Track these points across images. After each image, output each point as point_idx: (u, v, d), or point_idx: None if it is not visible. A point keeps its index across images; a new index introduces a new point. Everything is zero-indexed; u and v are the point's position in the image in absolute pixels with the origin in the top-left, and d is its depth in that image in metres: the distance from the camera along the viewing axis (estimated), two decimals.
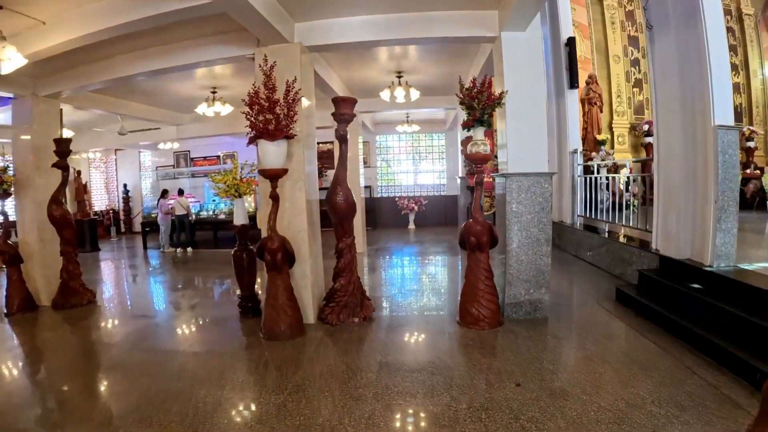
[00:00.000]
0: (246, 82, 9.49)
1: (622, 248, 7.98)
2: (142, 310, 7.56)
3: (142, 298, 8.64)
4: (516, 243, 6.00)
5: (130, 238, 18.81)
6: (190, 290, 9.08)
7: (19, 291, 7.58)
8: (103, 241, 17.19)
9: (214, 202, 16.12)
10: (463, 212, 11.97)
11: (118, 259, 13.96)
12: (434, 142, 19.01)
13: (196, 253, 13.83)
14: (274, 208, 5.67)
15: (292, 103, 5.49)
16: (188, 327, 6.53)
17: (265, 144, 5.43)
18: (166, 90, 10.39)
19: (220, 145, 18.68)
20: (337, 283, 6.16)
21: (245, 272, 6.68)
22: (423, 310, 6.88)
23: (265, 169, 5.56)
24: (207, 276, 10.56)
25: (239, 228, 6.68)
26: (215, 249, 14.58)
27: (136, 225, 19.48)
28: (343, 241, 6.19)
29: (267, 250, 5.58)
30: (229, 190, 6.49)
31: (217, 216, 15.21)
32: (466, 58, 8.96)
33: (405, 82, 9.85)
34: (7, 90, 7.72)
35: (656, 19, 6.37)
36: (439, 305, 7.23)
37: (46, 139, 7.90)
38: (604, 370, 4.42)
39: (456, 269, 10.18)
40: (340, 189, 6.06)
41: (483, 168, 6.00)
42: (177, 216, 14.04)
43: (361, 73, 9.65)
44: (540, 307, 6.08)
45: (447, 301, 7.44)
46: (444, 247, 12.92)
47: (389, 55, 8.63)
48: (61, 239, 7.83)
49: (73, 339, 6.35)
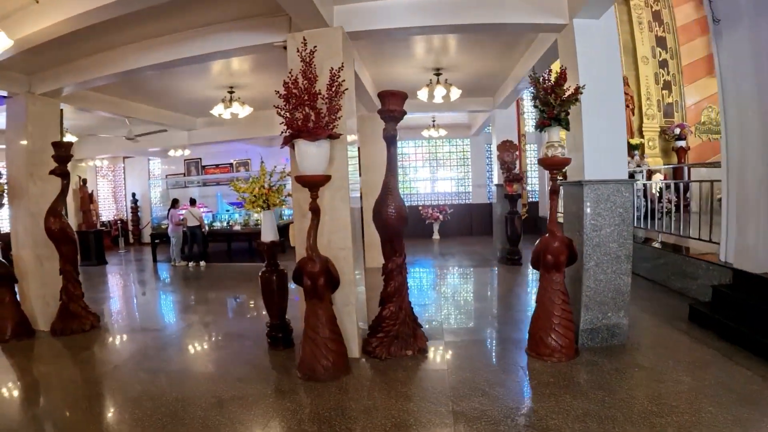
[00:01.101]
0: (267, 79, 8.70)
1: (684, 261, 7.33)
2: (152, 339, 6.53)
3: (151, 324, 7.60)
4: (594, 261, 5.19)
5: (138, 249, 18.04)
6: (208, 314, 8.03)
7: (12, 315, 6.69)
8: (110, 252, 16.41)
9: (228, 213, 15.22)
10: (500, 222, 10.97)
11: (125, 273, 13.08)
12: (456, 148, 17.96)
13: (209, 268, 12.82)
14: (314, 223, 4.68)
15: (336, 95, 4.56)
16: (208, 364, 5.54)
17: (304, 145, 4.48)
18: (178, 90, 9.41)
19: (232, 152, 17.84)
20: (386, 310, 5.20)
21: (275, 297, 5.67)
22: (480, 338, 6.02)
23: (304, 175, 4.58)
24: (225, 295, 9.54)
25: (268, 245, 5.66)
26: (229, 263, 13.67)
27: (145, 236, 18.78)
28: (392, 260, 5.23)
29: (306, 273, 4.59)
30: (256, 200, 5.54)
31: (232, 227, 14.26)
32: (513, 53, 8.09)
33: (445, 80, 8.86)
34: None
35: (725, 11, 5.82)
36: (496, 331, 6.30)
37: (44, 143, 7.05)
38: (712, 407, 3.80)
39: (498, 286, 9.24)
40: (391, 200, 5.12)
41: (555, 174, 5.11)
42: (189, 227, 13.06)
43: (394, 70, 8.67)
44: (618, 333, 5.30)
45: (503, 325, 6.53)
46: (477, 260, 11.95)
47: (427, 48, 7.68)
48: (60, 256, 6.93)
49: (71, 375, 5.36)
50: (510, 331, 6.16)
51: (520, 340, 5.53)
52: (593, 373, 4.59)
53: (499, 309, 7.41)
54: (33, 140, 7.08)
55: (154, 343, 6.30)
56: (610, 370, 4.64)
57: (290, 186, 5.50)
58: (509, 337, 5.87)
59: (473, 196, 17.60)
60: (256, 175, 5.74)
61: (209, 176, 18.20)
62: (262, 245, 5.66)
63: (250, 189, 5.57)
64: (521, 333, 5.82)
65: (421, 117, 13.91)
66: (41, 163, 7.01)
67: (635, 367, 4.70)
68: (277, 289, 5.67)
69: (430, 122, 15.14)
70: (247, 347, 5.89)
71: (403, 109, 5.15)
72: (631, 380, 4.43)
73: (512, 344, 5.59)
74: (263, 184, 5.59)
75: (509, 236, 10.61)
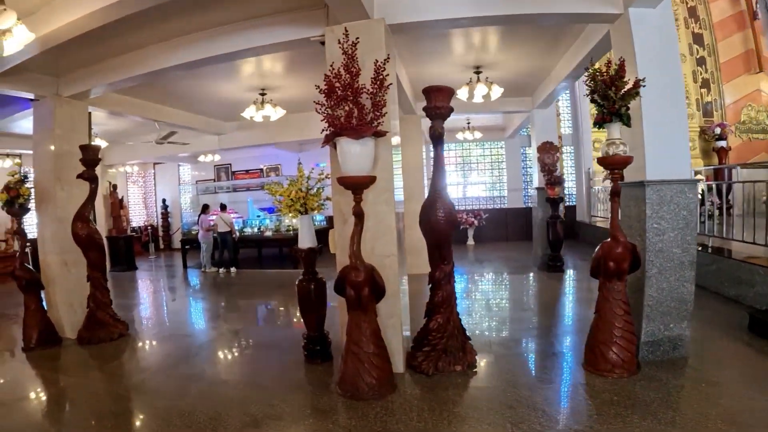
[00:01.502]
0: (300, 81, 8.40)
1: (738, 267, 6.87)
2: (181, 349, 6.21)
3: (181, 332, 7.30)
4: (656, 267, 4.74)
5: (169, 255, 18.01)
6: (239, 323, 7.74)
7: (38, 322, 6.46)
8: (140, 258, 16.34)
9: (259, 218, 14.96)
10: (540, 227, 10.50)
11: (155, 279, 12.95)
12: (489, 151, 17.48)
13: (240, 274, 12.55)
14: (358, 229, 4.30)
15: (380, 89, 4.17)
16: (241, 378, 5.19)
17: (347, 144, 4.09)
18: (208, 92, 9.15)
19: (262, 157, 17.64)
20: (433, 322, 4.78)
21: (313, 307, 5.30)
22: (531, 351, 5.60)
23: (347, 176, 4.20)
24: (257, 303, 9.27)
25: (306, 252, 5.30)
26: (260, 269, 13.40)
27: (175, 241, 18.71)
28: (440, 268, 4.80)
29: (350, 283, 4.20)
30: (293, 204, 5.17)
31: (263, 233, 13.96)
32: (556, 50, 7.67)
33: (485, 78, 8.43)
34: (26, 89, 6.69)
35: None
36: (546, 343, 5.81)
37: (71, 146, 6.86)
38: None
39: (542, 294, 8.77)
40: (440, 203, 4.69)
41: (617, 175, 4.65)
42: (219, 233, 12.82)
43: (432, 69, 8.28)
44: (679, 345, 4.85)
45: (553, 336, 6.07)
46: (516, 266, 11.46)
47: (466, 45, 7.29)
48: (87, 262, 6.69)
49: (97, 388, 5.05)
50: (562, 343, 5.74)
51: (575, 354, 5.14)
52: (658, 390, 4.15)
53: (547, 319, 6.96)
54: (60, 144, 6.88)
55: (184, 354, 5.99)
56: (676, 386, 4.24)
57: (329, 189, 5.15)
58: (562, 351, 5.44)
59: (508, 200, 17.11)
60: (293, 178, 5.37)
61: (239, 181, 18.02)
62: (299, 252, 5.31)
63: (287, 192, 5.21)
64: (574, 345, 5.45)
65: (456, 119, 13.39)
66: (69, 167, 6.80)
67: (702, 383, 4.28)
68: (315, 298, 5.29)
69: (465, 124, 14.69)
70: (282, 360, 5.54)
71: (450, 106, 4.74)
72: (700, 398, 4.02)
73: (566, 358, 5.18)
74: (300, 187, 5.24)
75: (551, 241, 10.13)
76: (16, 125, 9.89)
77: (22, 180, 6.43)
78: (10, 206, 6.38)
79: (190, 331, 7.34)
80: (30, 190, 6.49)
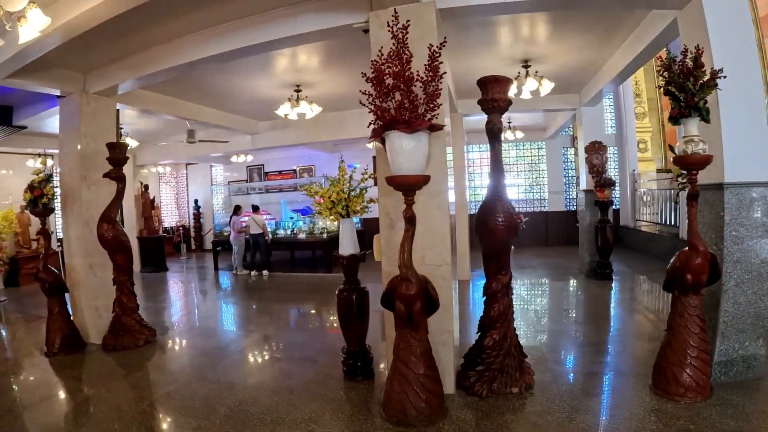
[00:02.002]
0: (337, 77, 8.00)
1: None
2: (210, 360, 5.80)
3: (210, 341, 6.84)
4: (734, 280, 4.23)
5: (200, 256, 17.79)
6: (272, 329, 7.33)
7: (61, 326, 6.23)
8: (171, 259, 16.20)
9: (292, 220, 14.58)
10: (588, 232, 9.90)
11: (186, 281, 12.69)
12: (528, 152, 16.80)
13: (272, 277, 12.17)
14: (409, 235, 3.77)
15: (434, 78, 3.66)
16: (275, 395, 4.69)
17: (399, 138, 3.57)
18: (240, 90, 8.78)
19: (295, 158, 17.35)
20: (488, 338, 4.29)
21: (355, 320, 4.83)
22: (591, 371, 4.99)
23: (398, 176, 3.67)
24: (290, 309, 8.86)
25: (347, 259, 4.81)
26: (292, 272, 13.00)
27: (207, 242, 18.57)
28: (497, 279, 4.31)
29: (400, 297, 3.69)
30: (334, 206, 4.72)
31: (296, 235, 13.53)
32: (611, 41, 7.09)
33: (535, 72, 7.90)
34: (52, 86, 6.45)
35: None
36: (606, 361, 5.28)
37: (98, 145, 6.58)
38: None
39: (592, 304, 8.12)
40: (500, 206, 4.20)
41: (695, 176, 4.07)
42: (251, 235, 12.48)
43: (476, 62, 7.70)
44: (754, 365, 4.36)
45: (611, 354, 5.52)
46: (560, 273, 10.84)
47: (514, 36, 6.75)
48: (113, 265, 6.40)
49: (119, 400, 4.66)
50: (623, 360, 5.21)
51: (639, 374, 4.59)
52: (737, 417, 3.66)
53: (602, 332, 6.39)
54: (87, 142, 6.59)
55: (212, 365, 5.58)
56: (756, 412, 3.75)
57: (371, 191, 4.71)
58: (623, 370, 4.90)
59: (549, 203, 16.42)
60: (333, 178, 4.91)
61: (272, 182, 17.70)
62: (341, 259, 4.81)
63: (328, 193, 4.76)
64: (637, 363, 4.94)
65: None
66: (95, 166, 6.52)
67: None
68: (357, 310, 4.83)
69: (506, 124, 14.09)
70: (319, 375, 5.08)
71: (508, 98, 4.26)
72: None
73: (629, 379, 4.62)
74: (342, 188, 4.78)
75: (600, 247, 9.52)
76: (47, 124, 9.72)
77: (46, 179, 6.15)
78: (34, 206, 6.13)
79: (219, 339, 6.93)
80: (54, 190, 6.20)
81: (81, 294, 6.61)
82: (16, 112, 8.79)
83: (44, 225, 6.31)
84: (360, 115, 10.96)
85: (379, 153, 4.18)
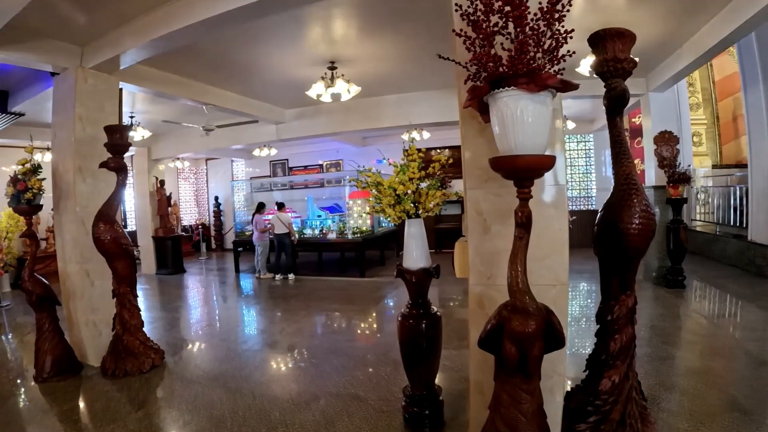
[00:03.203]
0: (378, 51, 6.87)
1: None
2: (229, 395, 4.58)
3: (231, 366, 5.56)
4: None
5: (220, 256, 16.85)
6: (305, 350, 6.08)
7: (53, 346, 5.19)
8: (190, 259, 15.34)
9: (319, 218, 13.32)
10: (663, 236, 8.48)
11: (204, 285, 11.62)
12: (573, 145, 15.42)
13: (299, 282, 10.96)
14: (523, 244, 2.44)
15: (557, 17, 2.34)
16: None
17: (517, 99, 2.26)
18: (265, 68, 7.57)
19: (322, 152, 16.31)
20: (606, 381, 3.07)
21: (422, 356, 3.59)
22: (722, 418, 3.66)
23: (518, 157, 2.32)
24: (324, 322, 7.64)
25: (417, 275, 3.56)
26: (321, 276, 11.72)
27: (227, 242, 17.70)
28: (620, 301, 3.11)
29: (513, 336, 2.38)
30: (402, 201, 3.48)
31: (325, 235, 12.23)
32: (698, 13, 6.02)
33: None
34: (42, 59, 5.46)
35: None
36: (733, 401, 3.93)
37: (96, 130, 5.52)
38: None
39: (673, 318, 6.70)
40: (637, 203, 2.98)
41: None
42: (276, 235, 11.28)
43: None
44: None
45: (730, 387, 4.21)
46: None
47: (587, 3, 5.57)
48: (113, 274, 5.31)
49: None
50: (747, 398, 3.93)
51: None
52: None
53: (706, 358, 5.10)
54: (83, 126, 5.57)
55: (231, 404, 4.40)
56: None
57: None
58: (751, 408, 3.71)
59: (597, 201, 14.98)
60: (401, 163, 3.61)
61: (297, 177, 16.55)
62: (409, 275, 3.56)
63: (393, 184, 3.48)
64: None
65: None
66: (93, 155, 5.48)
67: None
68: (427, 345, 3.58)
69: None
70: (371, 422, 3.89)
71: (634, 59, 3.04)
72: None
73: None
74: (413, 174, 3.48)
75: (671, 251, 8.26)
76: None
77: (33, 170, 5.10)
78: (17, 202, 5.08)
79: (240, 363, 5.67)
80: (42, 183, 5.13)
81: (77, 307, 5.57)
82: (12, 97, 7.77)
83: (30, 225, 5.29)
84: (398, 102, 9.82)
85: (466, 122, 2.98)
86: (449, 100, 8.94)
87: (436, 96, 9.43)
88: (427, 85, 9.15)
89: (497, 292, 2.92)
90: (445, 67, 3.09)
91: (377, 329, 7.07)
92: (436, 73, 8.10)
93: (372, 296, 9.12)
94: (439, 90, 9.34)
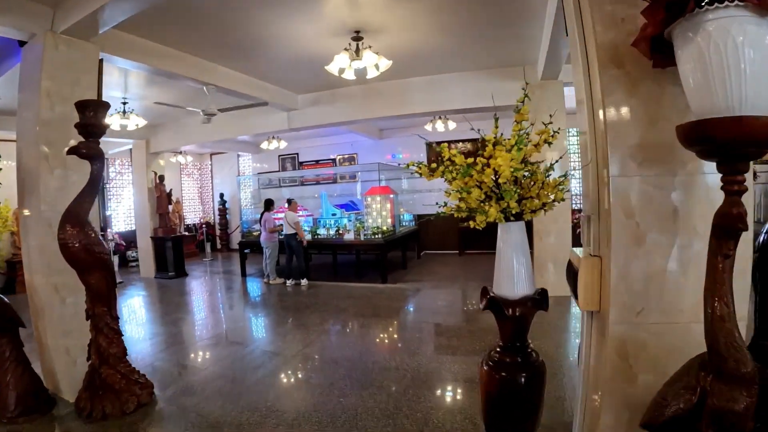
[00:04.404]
0: (412, 17, 5.67)
1: None
2: None
3: (239, 403, 4.43)
4: None
5: (226, 257, 15.83)
6: (330, 385, 4.77)
7: (17, 379, 4.13)
8: (194, 260, 14.41)
9: (334, 217, 12.03)
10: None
11: (206, 292, 10.50)
12: None
13: (312, 288, 9.78)
14: (728, 267, 1.40)
15: None
16: None
17: (744, 24, 1.23)
18: (277, 40, 6.38)
19: (334, 146, 15.15)
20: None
21: (518, 420, 2.31)
22: None
23: (738, 118, 1.26)
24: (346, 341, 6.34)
25: (521, 306, 2.26)
26: (336, 281, 10.44)
27: (234, 241, 16.67)
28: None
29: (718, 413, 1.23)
30: (505, 194, 2.10)
31: (341, 235, 10.89)
32: None
33: None
34: (7, 23, 4.40)
35: None
36: None
37: (67, 108, 4.38)
38: None
39: None
40: None
41: None
42: (285, 235, 10.15)
43: None
44: None
45: None
46: None
47: None
48: (86, 290, 4.18)
49: None
50: None
51: None
52: None
53: None
54: (50, 102, 4.49)
55: None
56: None
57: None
58: None
59: None
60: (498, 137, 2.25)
61: (308, 172, 15.49)
62: (509, 307, 2.24)
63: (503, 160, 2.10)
64: None
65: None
66: (63, 140, 4.43)
67: None
68: (527, 399, 2.32)
69: None
70: None
71: None
72: None
73: None
74: (531, 160, 2.27)
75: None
76: None
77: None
78: None
79: (249, 402, 4.48)
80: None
81: (46, 328, 4.46)
82: None
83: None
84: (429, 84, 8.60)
85: (611, 79, 1.87)
86: (486, 83, 7.82)
87: (471, 78, 8.25)
88: (461, 65, 7.97)
89: (649, 334, 1.93)
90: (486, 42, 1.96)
91: (420, 358, 5.45)
92: (473, 51, 7.06)
93: (399, 307, 7.90)
94: (472, 72, 8.19)
